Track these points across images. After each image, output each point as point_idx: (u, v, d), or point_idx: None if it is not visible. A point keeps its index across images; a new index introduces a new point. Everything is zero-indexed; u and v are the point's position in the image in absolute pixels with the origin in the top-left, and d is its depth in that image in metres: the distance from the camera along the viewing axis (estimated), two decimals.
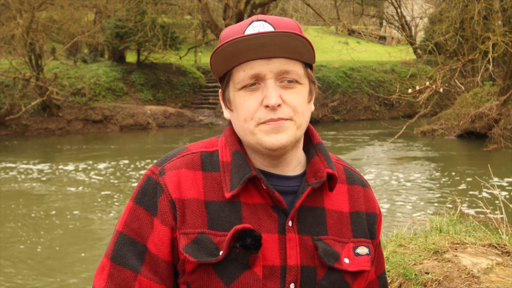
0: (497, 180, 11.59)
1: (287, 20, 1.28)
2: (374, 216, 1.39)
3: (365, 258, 1.32)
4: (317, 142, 1.35)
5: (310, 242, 1.26)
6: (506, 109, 18.03)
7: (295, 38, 1.20)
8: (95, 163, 15.16)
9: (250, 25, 1.24)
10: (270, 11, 24.39)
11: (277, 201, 1.24)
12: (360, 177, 1.42)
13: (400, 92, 19.57)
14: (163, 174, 1.26)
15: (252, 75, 1.22)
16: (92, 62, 25.85)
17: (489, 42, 16.38)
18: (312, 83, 1.30)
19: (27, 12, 20.60)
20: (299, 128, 1.25)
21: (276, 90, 1.21)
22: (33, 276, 7.12)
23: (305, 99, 1.26)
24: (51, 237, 8.74)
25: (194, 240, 1.21)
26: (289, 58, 1.23)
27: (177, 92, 25.34)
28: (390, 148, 17.72)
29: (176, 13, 26.40)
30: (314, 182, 1.27)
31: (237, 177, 1.24)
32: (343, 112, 26.83)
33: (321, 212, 1.30)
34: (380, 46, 31.87)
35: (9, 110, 21.12)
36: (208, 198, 1.24)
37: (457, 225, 3.99)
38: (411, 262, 3.25)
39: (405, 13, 31.71)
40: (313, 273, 1.25)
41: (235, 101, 1.26)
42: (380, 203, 10.47)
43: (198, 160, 1.28)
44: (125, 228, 1.26)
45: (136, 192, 1.28)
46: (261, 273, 1.21)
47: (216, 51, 1.20)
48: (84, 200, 11.21)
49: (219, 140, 1.34)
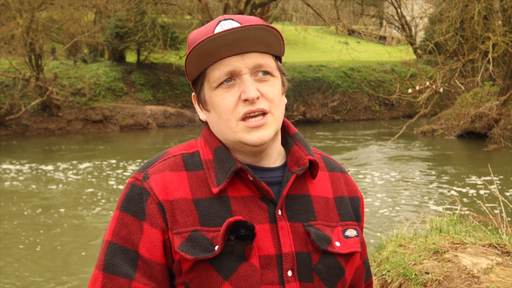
0: (497, 180, 11.58)
1: (252, 17, 1.30)
2: (357, 199, 1.43)
3: (354, 240, 1.35)
4: (294, 132, 1.38)
5: (301, 228, 1.28)
6: (506, 109, 18.03)
7: (266, 30, 1.22)
8: (95, 163, 15.16)
9: (218, 24, 1.26)
10: (270, 11, 24.40)
11: (265, 191, 1.26)
12: (338, 164, 1.46)
13: (400, 92, 19.58)
14: (147, 179, 1.26)
15: (228, 72, 1.23)
16: (92, 62, 25.85)
17: (489, 42, 16.38)
18: (283, 75, 1.33)
19: (27, 12, 20.59)
20: (278, 121, 1.28)
21: (253, 84, 1.24)
22: (35, 275, 7.12)
23: (279, 91, 1.29)
24: (51, 237, 8.74)
25: (188, 239, 1.21)
26: (261, 52, 1.25)
27: (177, 92, 25.34)
28: (390, 148, 17.72)
29: (176, 13, 26.39)
30: (297, 170, 1.30)
31: (223, 172, 1.25)
32: (343, 112, 26.83)
33: (308, 199, 1.32)
34: (380, 46, 31.86)
35: (9, 110, 21.11)
36: (196, 196, 1.25)
37: (457, 225, 3.99)
38: (411, 262, 3.25)
39: (405, 13, 31.70)
40: (308, 259, 1.27)
41: (212, 100, 1.27)
42: (380, 203, 10.47)
43: (180, 161, 1.29)
44: (114, 237, 1.25)
45: (121, 200, 1.27)
46: (258, 264, 1.22)
47: (191, 52, 1.22)
48: (85, 199, 11.21)
49: (198, 141, 1.35)
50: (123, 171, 14.10)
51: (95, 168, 14.60)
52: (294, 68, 25.69)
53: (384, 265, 3.32)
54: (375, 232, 7.79)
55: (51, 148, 18.70)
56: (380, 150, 17.49)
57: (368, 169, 14.18)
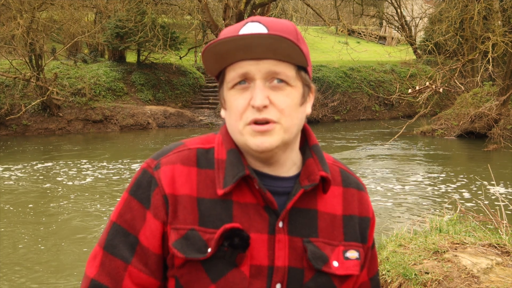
0: (497, 180, 11.60)
1: (283, 22, 1.28)
2: (367, 220, 1.39)
3: (354, 263, 1.32)
4: (313, 144, 1.35)
5: (300, 243, 1.27)
6: (506, 109, 18.04)
7: (283, 41, 1.19)
8: (95, 163, 15.17)
9: (245, 25, 1.25)
10: (270, 11, 24.38)
11: (269, 202, 1.25)
12: (356, 180, 1.41)
13: (400, 92, 19.60)
14: (158, 169, 1.27)
15: (241, 74, 1.23)
16: (92, 62, 25.85)
17: (489, 42, 16.38)
18: (306, 87, 1.29)
19: (27, 12, 20.59)
20: (287, 131, 1.24)
21: (263, 91, 1.22)
22: (35, 274, 7.13)
23: (295, 102, 1.25)
24: (51, 237, 8.76)
25: (184, 236, 1.22)
26: (278, 59, 1.23)
27: (177, 92, 25.35)
28: (390, 148, 17.73)
29: (176, 13, 26.42)
30: (306, 185, 1.28)
31: (231, 175, 1.25)
32: (343, 112, 26.83)
33: (313, 214, 1.30)
34: (380, 46, 31.86)
35: (9, 110, 21.12)
36: (200, 195, 1.25)
37: (457, 225, 4.00)
38: (411, 262, 3.26)
39: (405, 13, 31.71)
40: (301, 275, 1.26)
41: (227, 100, 1.27)
42: (380, 203, 10.48)
43: (193, 156, 1.29)
44: (118, 218, 1.28)
45: (132, 184, 1.30)
46: (248, 272, 1.22)
47: (206, 50, 1.21)
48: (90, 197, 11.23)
49: (216, 137, 1.34)
50: (123, 171, 14.11)
51: (95, 168, 14.61)
52: None
53: (384, 265, 3.33)
54: (375, 232, 7.79)
55: (51, 148, 18.71)
56: (380, 150, 17.49)
57: (368, 169, 14.19)
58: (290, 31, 1.26)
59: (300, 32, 1.31)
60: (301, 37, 1.30)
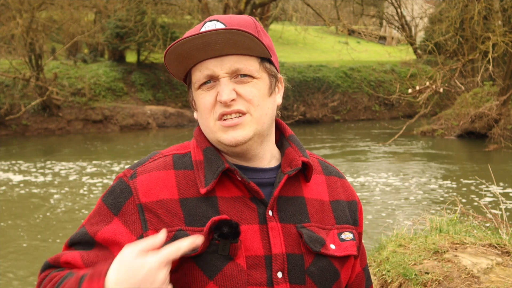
0: (497, 180, 11.59)
1: (242, 17, 1.29)
2: (355, 203, 1.41)
3: (350, 243, 1.33)
4: (289, 134, 1.37)
5: (294, 230, 1.26)
6: (506, 109, 18.04)
7: (239, 34, 1.19)
8: (95, 163, 15.16)
9: (204, 25, 1.26)
10: (270, 11, 24.39)
11: (254, 192, 1.25)
12: (335, 169, 1.44)
13: (400, 92, 19.57)
14: (135, 178, 1.27)
15: (207, 75, 1.24)
16: (92, 62, 25.86)
17: (489, 42, 16.38)
18: (273, 77, 1.30)
19: (27, 12, 20.60)
20: (259, 122, 1.25)
21: (228, 86, 1.23)
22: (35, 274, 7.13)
23: (261, 92, 1.26)
24: (51, 237, 8.76)
25: (172, 238, 1.20)
26: (240, 54, 1.23)
27: (177, 92, 25.35)
28: (390, 148, 17.72)
29: (176, 13, 26.39)
30: (289, 170, 1.28)
31: (211, 172, 1.25)
32: (343, 112, 26.83)
33: (301, 201, 1.31)
34: (380, 46, 31.87)
35: (9, 110, 21.12)
36: (182, 196, 1.25)
37: (457, 225, 3.99)
38: (411, 262, 3.25)
39: (405, 13, 31.70)
40: (301, 261, 1.25)
41: (196, 100, 1.29)
42: (380, 203, 10.48)
43: (170, 161, 1.30)
44: (87, 222, 1.30)
45: (106, 191, 1.31)
46: (245, 264, 1.21)
47: (167, 53, 1.23)
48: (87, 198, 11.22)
49: (191, 142, 1.35)
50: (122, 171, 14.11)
51: (95, 168, 14.61)
52: (294, 68, 25.70)
53: (384, 265, 3.32)
54: (375, 232, 7.79)
55: (51, 148, 18.70)
56: (380, 150, 17.49)
57: (368, 169, 14.19)
58: (248, 24, 1.27)
59: (260, 25, 1.32)
60: (262, 29, 1.31)
